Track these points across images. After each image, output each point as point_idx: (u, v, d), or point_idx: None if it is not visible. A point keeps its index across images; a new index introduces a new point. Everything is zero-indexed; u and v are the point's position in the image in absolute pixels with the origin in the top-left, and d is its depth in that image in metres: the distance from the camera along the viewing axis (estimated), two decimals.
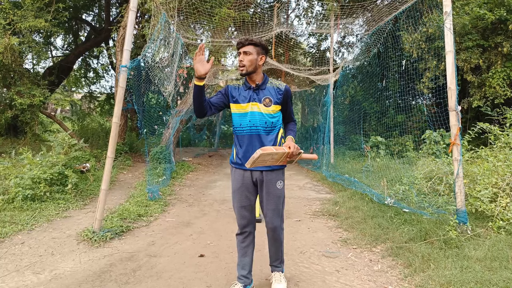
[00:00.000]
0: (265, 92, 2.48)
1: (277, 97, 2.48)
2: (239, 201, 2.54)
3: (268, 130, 2.47)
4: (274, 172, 2.48)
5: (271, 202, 2.49)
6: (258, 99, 2.46)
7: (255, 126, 2.45)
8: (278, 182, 2.50)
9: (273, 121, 2.48)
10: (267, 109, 2.45)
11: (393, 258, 3.27)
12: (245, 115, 2.47)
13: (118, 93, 3.91)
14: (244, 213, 2.54)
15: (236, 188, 2.54)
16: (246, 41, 2.41)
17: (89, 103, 18.13)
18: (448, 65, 3.75)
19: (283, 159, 2.35)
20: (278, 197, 2.50)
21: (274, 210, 2.51)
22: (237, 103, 2.50)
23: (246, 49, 2.40)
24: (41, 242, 3.60)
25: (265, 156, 2.20)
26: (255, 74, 2.47)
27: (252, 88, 2.49)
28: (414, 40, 8.58)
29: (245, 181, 2.50)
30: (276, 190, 2.49)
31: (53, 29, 9.01)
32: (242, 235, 2.59)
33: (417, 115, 10.02)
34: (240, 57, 2.42)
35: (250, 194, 2.53)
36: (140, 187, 6.33)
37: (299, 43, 14.91)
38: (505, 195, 3.98)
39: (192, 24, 8.52)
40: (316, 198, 6.08)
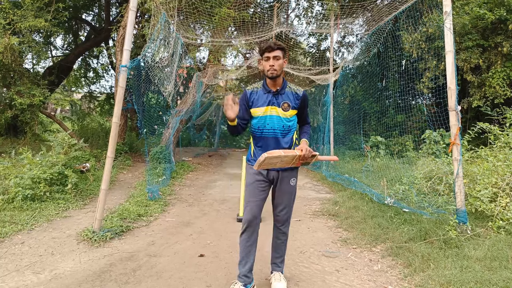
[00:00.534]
0: (284, 97, 2.56)
1: (295, 102, 2.57)
2: (251, 195, 2.59)
3: (284, 133, 2.57)
4: (288, 171, 2.60)
5: (283, 198, 2.61)
6: (277, 104, 2.54)
7: (273, 129, 2.54)
8: (291, 179, 2.61)
9: (289, 125, 2.58)
10: (285, 114, 2.55)
11: (393, 258, 3.27)
12: (264, 118, 2.55)
13: (118, 93, 3.91)
14: (253, 207, 2.58)
15: (250, 183, 2.61)
16: (275, 45, 2.46)
17: (89, 103, 18.13)
18: (448, 65, 3.75)
19: (295, 161, 2.43)
20: (290, 193, 2.62)
21: (286, 205, 2.63)
22: (257, 107, 2.57)
23: (276, 54, 2.46)
24: (41, 242, 3.60)
25: (271, 159, 2.27)
26: (279, 78, 2.54)
27: (272, 92, 2.55)
28: (414, 40, 8.58)
29: (259, 177, 2.58)
30: (289, 187, 2.61)
31: (53, 29, 9.01)
32: (247, 232, 2.59)
33: (417, 115, 10.02)
34: (271, 62, 2.46)
35: (262, 189, 2.59)
36: (140, 187, 6.33)
37: (299, 43, 14.92)
38: (505, 195, 3.98)
39: (192, 24, 8.52)
40: (316, 197, 6.09)
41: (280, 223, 2.68)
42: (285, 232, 2.72)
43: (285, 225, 2.69)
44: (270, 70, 2.47)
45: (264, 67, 2.53)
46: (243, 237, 2.61)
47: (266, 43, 2.50)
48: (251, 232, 2.59)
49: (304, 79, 12.56)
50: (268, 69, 2.48)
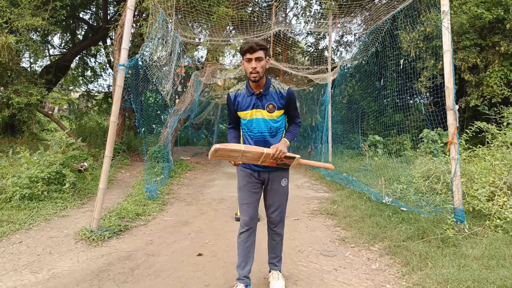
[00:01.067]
0: (268, 98, 2.45)
1: (280, 102, 2.46)
2: (244, 198, 2.56)
3: (273, 134, 2.50)
4: (279, 171, 2.55)
5: (275, 199, 2.57)
6: (262, 106, 2.44)
7: (260, 132, 2.48)
8: (282, 179, 2.56)
9: (277, 126, 2.50)
10: (271, 115, 2.46)
11: (391, 256, 3.28)
12: (250, 122, 2.48)
13: (116, 92, 3.90)
14: (249, 209, 2.54)
15: (242, 185, 2.57)
16: (257, 46, 2.31)
17: (86, 102, 18.07)
18: (446, 64, 3.76)
19: (265, 159, 2.33)
20: (282, 194, 2.58)
21: (278, 206, 2.59)
22: (242, 110, 2.49)
23: (258, 55, 2.32)
24: (39, 241, 3.59)
25: (227, 152, 2.18)
26: (262, 79, 2.42)
27: (256, 95, 2.45)
28: (412, 39, 8.59)
29: (251, 178, 2.54)
30: (281, 187, 2.56)
31: (51, 28, 8.98)
32: (246, 233, 2.56)
33: (415, 114, 10.05)
34: (253, 64, 2.32)
35: (255, 191, 2.56)
36: (138, 186, 6.32)
37: (297, 42, 14.92)
38: (502, 194, 4.00)
39: (190, 23, 8.51)
40: (314, 197, 6.09)
41: (273, 225, 2.65)
42: (279, 233, 2.69)
43: (278, 226, 2.66)
44: (252, 73, 2.34)
45: (246, 69, 2.39)
46: (242, 238, 2.58)
47: (247, 43, 2.35)
48: (249, 233, 2.57)
49: (303, 78, 12.57)
50: (251, 72, 2.35)
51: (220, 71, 10.94)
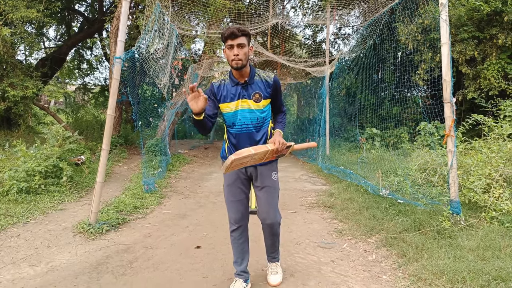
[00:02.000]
0: (254, 87, 2.33)
1: (267, 91, 2.35)
2: (233, 195, 2.45)
3: (258, 127, 2.38)
4: (267, 165, 2.43)
5: (266, 195, 2.43)
6: (248, 96, 2.32)
7: (246, 124, 2.34)
8: (272, 173, 2.45)
9: (263, 116, 2.38)
10: (257, 105, 2.34)
11: (387, 248, 3.31)
12: (235, 113, 2.34)
13: (113, 85, 3.88)
14: (239, 206, 2.46)
15: (231, 183, 2.45)
16: (239, 31, 2.17)
17: (83, 95, 17.97)
18: (444, 56, 3.75)
19: (268, 156, 2.26)
20: (274, 188, 2.45)
21: (270, 203, 2.44)
22: (225, 102, 2.34)
23: (240, 41, 2.19)
24: (37, 235, 3.60)
25: (241, 160, 2.10)
26: (246, 68, 2.29)
27: (241, 84, 2.32)
28: (410, 31, 8.56)
29: (239, 176, 2.44)
30: (271, 181, 2.44)
31: (46, 20, 8.88)
32: (237, 230, 2.49)
33: (412, 107, 10.06)
34: (235, 51, 2.19)
35: (244, 187, 2.46)
36: (136, 179, 6.32)
37: (295, 34, 14.83)
38: (498, 186, 4.03)
39: (187, 15, 8.43)
40: (312, 189, 6.12)
41: (269, 226, 2.49)
42: (275, 233, 2.55)
43: (276, 226, 2.51)
44: (234, 60, 2.20)
45: (228, 57, 2.25)
46: (234, 236, 2.52)
47: (228, 29, 2.19)
48: (241, 230, 2.51)
49: (300, 71, 12.53)
50: (233, 59, 2.21)
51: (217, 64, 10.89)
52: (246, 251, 2.56)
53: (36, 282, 2.61)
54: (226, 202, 2.50)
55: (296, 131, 14.85)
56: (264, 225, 2.50)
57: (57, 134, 5.93)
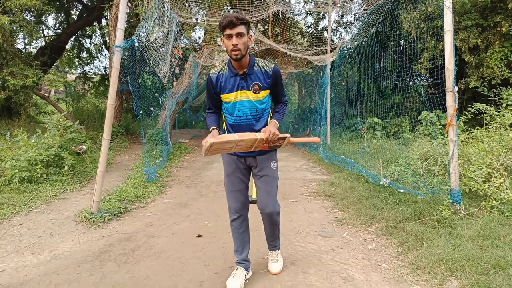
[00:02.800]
0: (253, 78, 2.27)
1: (266, 82, 2.29)
2: (233, 185, 2.44)
3: (258, 118, 2.34)
4: (266, 155, 2.41)
5: (265, 184, 2.41)
6: (247, 87, 2.26)
7: (245, 115, 2.30)
8: (271, 162, 2.43)
9: (262, 108, 2.34)
10: (256, 96, 2.28)
11: (387, 237, 3.33)
12: (234, 105, 2.30)
13: (113, 74, 3.86)
14: (239, 196, 2.45)
15: (230, 172, 2.44)
16: (237, 20, 2.09)
17: (83, 84, 17.90)
18: (447, 45, 3.71)
19: (258, 145, 2.19)
20: (272, 178, 2.43)
21: (269, 192, 2.42)
22: (225, 92, 2.30)
23: (239, 30, 2.11)
24: (40, 224, 3.63)
25: (222, 144, 2.03)
26: (245, 58, 2.22)
27: (240, 75, 2.26)
28: (412, 19, 8.45)
29: (238, 165, 2.42)
30: (271, 170, 2.42)
31: (44, 8, 8.79)
32: (238, 220, 2.50)
33: (414, 96, 10.00)
34: (234, 40, 2.11)
35: (244, 177, 2.46)
36: (137, 169, 6.34)
37: (297, 22, 14.67)
38: (499, 175, 4.03)
39: (187, 3, 8.32)
40: (313, 179, 6.13)
41: (269, 215, 2.46)
42: (274, 222, 2.53)
43: (275, 215, 2.48)
44: (233, 50, 2.13)
45: (227, 47, 2.18)
46: (234, 225, 2.52)
47: (226, 17, 2.10)
48: (242, 220, 2.51)
49: (301, 60, 12.42)
50: (231, 49, 2.13)
51: (218, 53, 10.79)
52: (246, 240, 2.58)
53: (40, 270, 2.65)
54: (226, 192, 2.49)
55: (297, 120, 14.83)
56: (263, 214, 2.49)
57: (58, 123, 5.93)
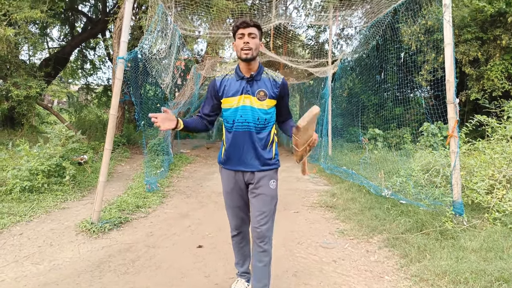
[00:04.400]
0: (259, 84, 2.18)
1: (273, 91, 2.19)
2: (232, 201, 2.33)
3: (259, 128, 2.19)
4: (266, 172, 2.23)
5: (262, 204, 2.20)
6: (252, 92, 2.16)
7: (247, 122, 2.17)
8: (271, 181, 2.23)
9: (266, 118, 2.19)
10: (261, 104, 2.16)
11: (389, 248, 3.30)
12: (236, 110, 2.17)
13: (116, 85, 3.90)
14: (239, 213, 2.35)
15: (229, 190, 2.32)
16: (251, 21, 2.09)
17: (86, 94, 18.03)
18: (447, 57, 3.74)
19: (309, 145, 2.05)
20: (271, 197, 2.22)
21: (265, 213, 2.20)
22: (228, 96, 2.19)
23: (252, 31, 2.09)
24: (40, 233, 3.61)
25: (310, 124, 1.94)
26: (254, 62, 2.16)
27: (246, 79, 2.17)
28: (413, 32, 8.55)
29: (237, 182, 2.28)
30: (269, 190, 2.22)
31: (49, 20, 8.92)
32: (238, 236, 2.43)
33: (415, 108, 10.04)
34: (246, 39, 2.07)
35: (243, 194, 2.31)
36: (138, 179, 6.33)
37: (298, 35, 14.84)
38: (502, 187, 4.01)
39: (190, 16, 8.45)
40: (314, 189, 6.11)
41: (259, 238, 2.19)
42: (267, 250, 2.21)
43: (266, 240, 2.20)
44: (244, 49, 2.07)
45: (237, 47, 2.11)
46: (235, 240, 2.46)
47: (240, 19, 2.13)
48: (242, 236, 2.44)
49: (303, 72, 12.52)
50: (242, 47, 2.07)
51: (220, 64, 10.90)
52: (247, 254, 2.52)
53: (39, 280, 2.63)
54: (226, 208, 2.40)
55: None
56: (254, 237, 2.23)
57: (60, 133, 5.95)
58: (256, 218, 2.21)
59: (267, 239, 2.22)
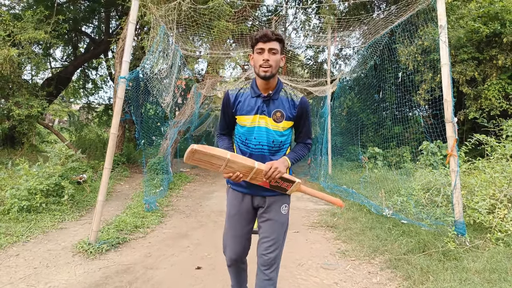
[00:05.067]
0: (276, 104, 1.97)
1: (290, 112, 1.99)
2: (233, 229, 2.11)
3: (274, 151, 2.01)
4: (278, 195, 2.06)
5: (272, 230, 2.03)
6: (268, 112, 1.97)
7: (261, 144, 1.99)
8: (282, 206, 2.07)
9: (281, 140, 2.01)
10: (276, 125, 1.98)
11: (392, 270, 3.25)
12: (251, 130, 1.99)
13: (117, 104, 3.93)
14: (236, 245, 2.10)
15: (232, 214, 2.11)
16: (273, 34, 1.86)
17: (87, 113, 18.15)
18: (444, 77, 3.79)
19: (256, 177, 1.91)
20: (281, 224, 2.06)
21: (274, 240, 2.02)
22: (242, 114, 2.00)
23: (273, 46, 1.87)
24: (36, 254, 3.56)
25: (208, 157, 1.81)
26: (273, 79, 1.95)
27: (262, 97, 1.97)
28: (409, 52, 8.69)
29: (243, 206, 2.09)
30: (280, 216, 2.05)
31: (53, 41, 9.09)
32: (233, 266, 2.18)
33: (414, 127, 10.08)
34: (265, 55, 1.86)
35: (247, 222, 2.11)
36: (137, 198, 6.29)
37: (297, 55, 15.08)
38: (503, 207, 3.98)
39: (191, 36, 8.61)
40: (314, 209, 6.06)
41: (265, 266, 2.01)
42: (273, 278, 2.01)
43: (272, 268, 2.01)
44: (263, 66, 1.86)
45: (255, 63, 1.91)
46: (231, 270, 2.23)
47: (261, 31, 1.88)
48: (237, 266, 2.19)
49: (302, 91, 12.63)
50: (261, 65, 1.87)
51: (220, 84, 11.03)
52: (243, 280, 2.35)
53: None
54: (224, 233, 2.18)
55: None
56: (258, 264, 2.06)
57: (60, 152, 5.96)
58: (264, 244, 2.03)
59: (274, 267, 2.03)
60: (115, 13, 13.24)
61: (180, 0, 5.94)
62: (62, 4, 11.56)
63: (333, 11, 10.58)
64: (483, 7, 8.03)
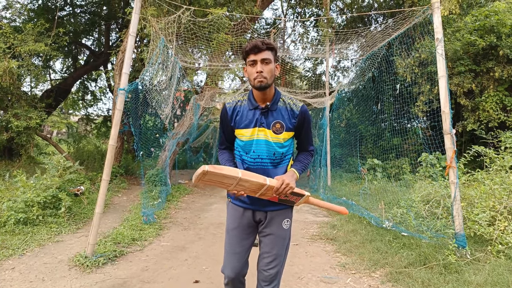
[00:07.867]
0: (275, 115, 1.92)
1: (290, 122, 1.94)
2: (231, 245, 2.03)
3: (276, 163, 1.95)
4: (280, 210, 2.01)
5: (272, 245, 1.98)
6: (267, 124, 1.91)
7: (261, 158, 1.93)
8: (284, 221, 2.01)
9: (282, 152, 1.96)
10: (276, 137, 1.92)
11: (392, 283, 3.20)
12: (250, 143, 1.94)
13: (116, 116, 3.93)
14: (234, 262, 2.00)
15: (231, 228, 2.04)
16: (263, 44, 1.82)
17: (85, 125, 18.15)
18: (441, 89, 3.82)
19: (266, 192, 1.85)
20: (283, 239, 2.00)
21: (276, 256, 1.97)
22: (239, 128, 1.96)
23: (265, 56, 1.83)
24: (32, 268, 3.50)
25: (219, 177, 1.73)
26: (270, 89, 1.91)
27: (260, 109, 1.92)
28: (407, 65, 8.77)
29: (244, 220, 2.02)
30: (282, 230, 2.00)
31: (53, 53, 9.15)
32: (230, 284, 2.06)
33: (413, 138, 10.10)
34: (258, 67, 1.82)
35: (247, 237, 2.04)
36: (135, 210, 6.24)
37: (295, 67, 15.21)
38: (503, 219, 3.96)
39: (190, 48, 8.68)
40: (314, 221, 6.02)
41: (266, 282, 1.97)
42: (270, 281, 1.98)
43: (273, 284, 1.97)
44: (257, 77, 1.82)
45: (249, 75, 1.87)
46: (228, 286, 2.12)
47: (250, 42, 1.84)
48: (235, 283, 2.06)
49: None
50: (255, 77, 1.83)
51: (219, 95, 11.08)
52: None
53: None
54: (225, 249, 2.08)
55: None
56: (259, 280, 2.02)
57: (58, 164, 5.93)
58: (265, 259, 1.98)
59: (275, 283, 1.98)
60: (115, 25, 13.38)
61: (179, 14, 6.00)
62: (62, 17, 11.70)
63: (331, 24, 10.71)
64: (479, 20, 8.15)
